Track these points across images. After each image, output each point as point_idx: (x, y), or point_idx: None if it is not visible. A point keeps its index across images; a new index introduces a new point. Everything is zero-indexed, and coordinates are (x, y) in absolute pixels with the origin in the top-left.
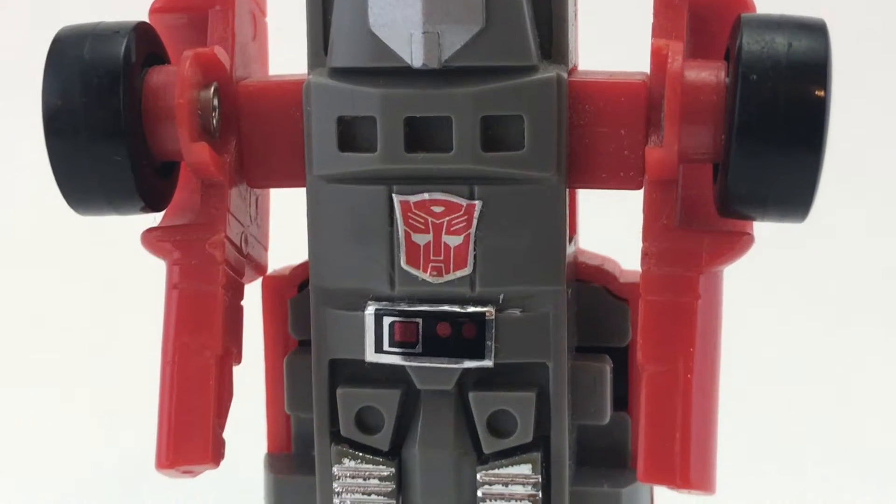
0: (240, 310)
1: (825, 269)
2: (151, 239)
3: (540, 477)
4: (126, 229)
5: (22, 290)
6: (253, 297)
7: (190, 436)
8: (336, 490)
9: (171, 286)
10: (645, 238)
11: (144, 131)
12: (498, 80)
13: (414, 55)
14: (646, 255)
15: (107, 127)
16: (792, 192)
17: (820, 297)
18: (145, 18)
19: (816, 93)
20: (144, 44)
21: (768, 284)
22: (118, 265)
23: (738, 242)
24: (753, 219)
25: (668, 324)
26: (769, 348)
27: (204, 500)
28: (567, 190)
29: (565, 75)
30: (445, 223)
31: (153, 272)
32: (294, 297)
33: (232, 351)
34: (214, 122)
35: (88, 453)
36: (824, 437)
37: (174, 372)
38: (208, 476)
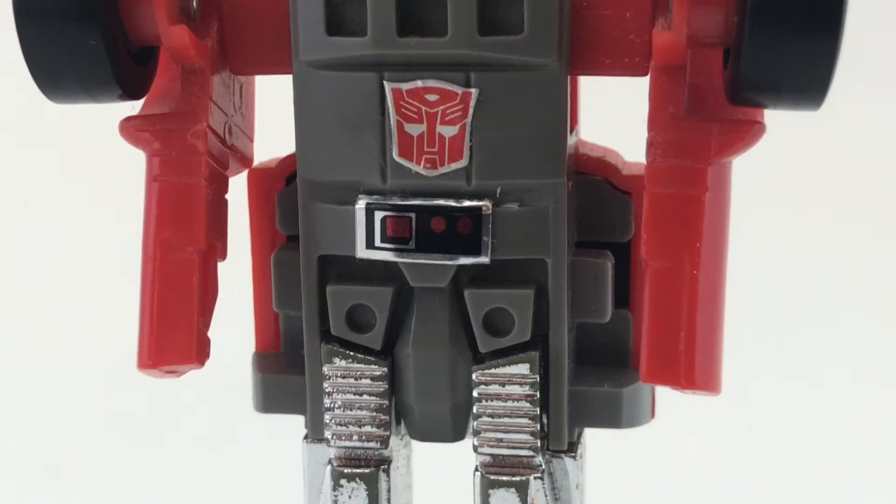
0: (224, 203)
1: (838, 159)
2: (129, 128)
3: (538, 377)
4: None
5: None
6: (238, 190)
7: (173, 334)
8: (326, 390)
9: (151, 178)
10: (651, 128)
11: (120, 14)
12: None
13: None
14: (651, 145)
15: (80, 9)
16: (807, 78)
17: (833, 191)
18: None
19: None
20: None
21: (778, 175)
22: (103, 157)
23: (748, 132)
24: (766, 106)
25: (673, 218)
26: (778, 243)
27: (189, 400)
28: (568, 77)
29: None
30: (440, 112)
31: (136, 164)
32: (281, 190)
33: (216, 246)
34: (194, 3)
35: (72, 352)
36: (832, 334)
37: (155, 269)
38: (193, 376)
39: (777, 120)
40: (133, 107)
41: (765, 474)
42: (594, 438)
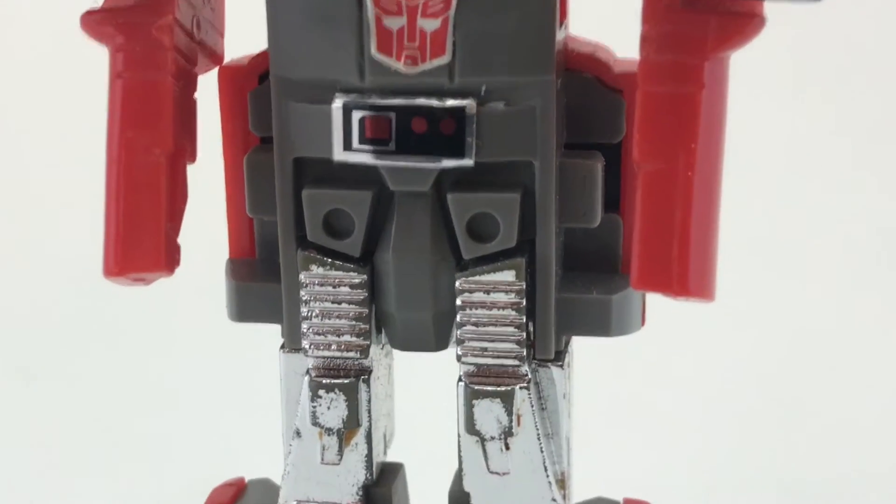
0: (193, 103)
1: (838, 58)
2: (91, 23)
3: (524, 284)
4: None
5: None
6: (208, 89)
7: (140, 240)
8: (303, 298)
9: (115, 76)
10: (644, 21)
11: None
12: None
13: None
14: (645, 39)
15: None
16: None
17: (829, 91)
18: None
19: None
20: None
21: (778, 71)
22: (68, 59)
23: (747, 25)
24: None
25: (667, 117)
26: (774, 144)
27: (160, 309)
28: None
29: None
30: (421, 5)
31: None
32: (254, 89)
33: (185, 148)
34: None
35: (44, 256)
36: (827, 237)
37: (120, 171)
38: (163, 285)
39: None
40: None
41: (757, 382)
42: (582, 347)
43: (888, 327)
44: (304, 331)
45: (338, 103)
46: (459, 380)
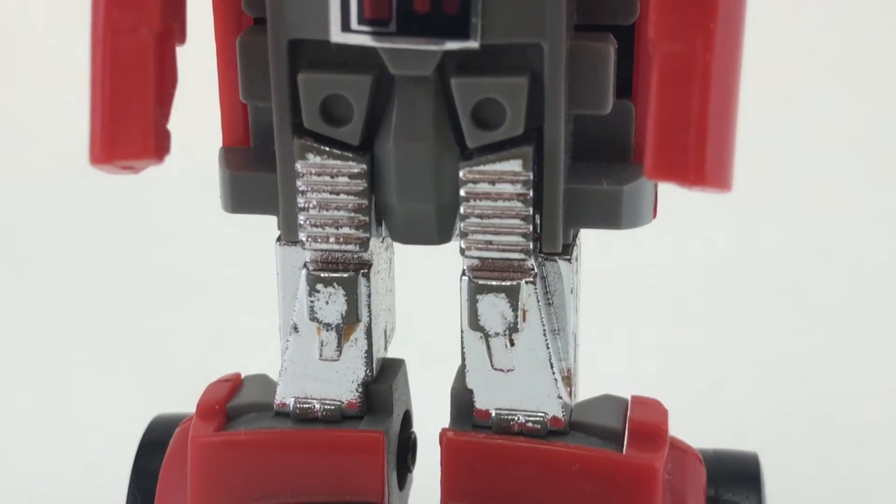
0: None
1: None
2: None
3: (531, 174)
4: None
5: None
6: None
7: (127, 126)
8: (300, 189)
9: None
10: None
11: None
12: None
13: None
14: None
15: None
16: None
17: None
18: None
19: None
20: None
21: None
22: None
23: None
24: None
25: None
26: (795, 29)
27: (150, 199)
28: None
29: None
30: None
31: None
32: None
33: (173, 28)
34: None
35: (38, 151)
36: (847, 127)
37: (106, 52)
38: (154, 173)
39: None
40: None
41: (769, 276)
42: (591, 239)
43: None
44: (301, 223)
45: None
46: (463, 274)
